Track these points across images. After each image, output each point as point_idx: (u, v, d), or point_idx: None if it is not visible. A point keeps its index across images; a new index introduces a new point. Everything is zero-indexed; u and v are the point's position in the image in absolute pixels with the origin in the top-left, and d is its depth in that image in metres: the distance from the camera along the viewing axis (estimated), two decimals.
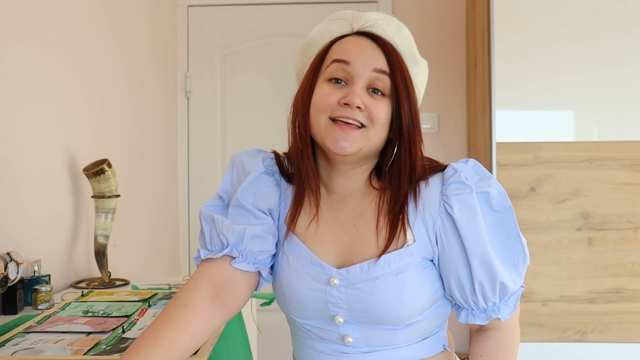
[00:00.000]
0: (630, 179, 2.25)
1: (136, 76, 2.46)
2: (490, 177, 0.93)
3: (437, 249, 0.91)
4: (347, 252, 0.93)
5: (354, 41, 0.93)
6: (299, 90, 0.96)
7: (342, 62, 0.90)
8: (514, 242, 0.92)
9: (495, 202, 0.91)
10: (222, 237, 0.92)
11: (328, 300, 0.92)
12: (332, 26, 0.97)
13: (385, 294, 0.89)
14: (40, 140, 1.71)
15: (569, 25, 2.25)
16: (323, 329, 0.95)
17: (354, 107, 0.88)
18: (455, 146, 3.00)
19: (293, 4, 3.06)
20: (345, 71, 0.90)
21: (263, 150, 1.03)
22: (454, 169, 0.93)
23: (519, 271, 0.92)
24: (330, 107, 0.89)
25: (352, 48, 0.91)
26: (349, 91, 0.89)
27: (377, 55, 0.91)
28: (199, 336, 0.90)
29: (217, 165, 3.10)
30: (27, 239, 1.62)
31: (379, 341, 0.93)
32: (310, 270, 0.93)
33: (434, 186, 0.92)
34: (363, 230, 0.93)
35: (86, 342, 1.16)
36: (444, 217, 0.91)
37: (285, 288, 0.95)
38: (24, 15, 1.64)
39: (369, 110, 0.89)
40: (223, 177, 1.00)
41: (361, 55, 0.90)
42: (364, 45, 0.92)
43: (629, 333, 2.26)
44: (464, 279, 0.90)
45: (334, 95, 0.89)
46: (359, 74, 0.89)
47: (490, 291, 0.90)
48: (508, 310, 0.92)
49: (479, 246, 0.89)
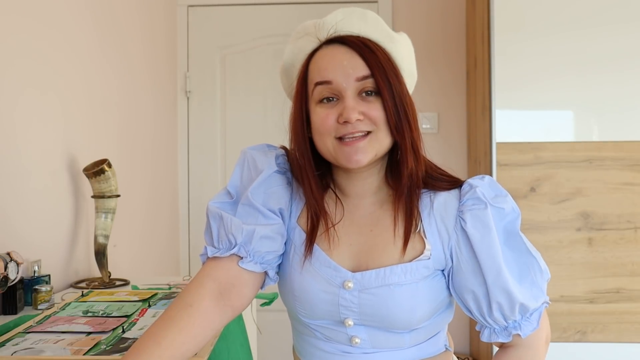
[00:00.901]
0: (630, 179, 2.25)
1: (136, 76, 2.46)
2: (506, 195, 0.93)
3: (450, 264, 0.92)
4: (362, 256, 0.93)
5: (326, 55, 0.91)
6: (292, 120, 0.94)
7: (324, 83, 0.89)
8: (527, 258, 0.91)
9: (507, 220, 0.92)
10: (231, 236, 0.91)
11: (340, 303, 0.92)
12: (301, 44, 0.94)
13: (399, 302, 0.89)
14: (40, 140, 1.71)
15: (569, 25, 2.25)
16: (331, 329, 0.95)
17: (353, 122, 0.88)
18: (455, 146, 3.00)
19: (293, 4, 3.06)
20: (331, 90, 0.89)
21: (273, 145, 1.01)
22: (469, 184, 0.93)
23: (540, 286, 0.91)
24: (332, 128, 0.89)
25: (327, 65, 0.89)
26: (343, 107, 0.88)
27: (353, 62, 0.89)
28: (202, 336, 0.89)
29: (217, 165, 3.10)
30: (27, 239, 1.62)
31: (385, 343, 0.93)
32: (324, 273, 0.93)
33: (451, 201, 0.92)
34: (379, 236, 0.93)
35: (86, 342, 1.16)
36: (459, 232, 0.91)
37: (296, 289, 0.95)
38: (25, 13, 1.64)
39: (368, 116, 0.88)
40: (233, 171, 0.99)
41: (338, 69, 0.88)
42: (337, 57, 0.89)
43: (629, 333, 2.26)
44: (481, 297, 0.90)
45: (331, 116, 0.89)
46: (344, 87, 0.88)
47: (509, 311, 0.90)
48: (530, 327, 0.91)
49: (492, 262, 0.88)
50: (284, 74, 1.00)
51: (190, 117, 3.08)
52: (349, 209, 0.96)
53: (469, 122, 2.93)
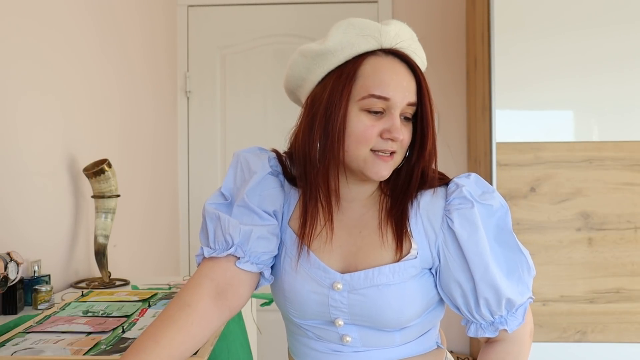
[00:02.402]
0: (630, 179, 2.25)
1: (136, 76, 2.46)
2: (493, 191, 0.94)
3: (437, 262, 0.93)
4: (351, 257, 0.94)
5: (389, 70, 0.90)
6: (330, 113, 0.90)
7: (381, 98, 0.89)
8: (516, 255, 0.92)
9: (497, 216, 0.92)
10: (228, 236, 0.92)
11: (330, 303, 0.93)
12: (354, 39, 0.91)
13: (388, 301, 0.90)
14: (40, 140, 1.71)
15: (569, 25, 2.25)
16: (322, 329, 0.96)
17: (397, 142, 0.90)
18: (455, 146, 3.00)
19: (293, 4, 3.05)
20: (385, 105, 0.90)
21: (264, 148, 1.02)
22: (456, 184, 0.93)
23: (526, 283, 0.92)
24: (373, 140, 0.90)
25: (390, 81, 0.89)
26: (391, 125, 0.89)
27: (410, 86, 0.91)
28: (200, 336, 0.90)
29: (217, 165, 3.10)
30: (27, 239, 1.62)
31: (376, 342, 0.95)
32: (314, 274, 0.94)
33: (437, 201, 0.93)
34: (368, 237, 0.94)
35: (86, 342, 1.16)
36: (446, 231, 0.92)
37: (287, 290, 0.96)
38: (25, 14, 1.64)
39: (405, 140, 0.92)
40: (226, 174, 1.00)
41: (399, 89, 0.89)
42: (400, 75, 0.90)
43: (629, 333, 2.26)
44: (469, 293, 0.91)
45: (375, 128, 0.89)
46: (397, 106, 0.90)
47: (496, 306, 0.91)
48: (516, 322, 0.93)
49: (480, 260, 0.89)
50: (317, 57, 0.92)
51: (190, 117, 3.08)
52: (340, 210, 0.97)
53: (469, 122, 2.93)
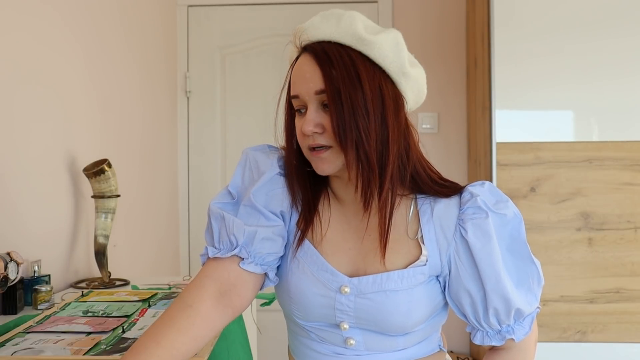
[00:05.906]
0: (630, 179, 2.25)
1: (136, 76, 2.46)
2: (507, 200, 0.93)
3: (447, 271, 0.92)
4: (359, 260, 0.94)
5: (297, 67, 0.91)
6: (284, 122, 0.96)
7: (294, 97, 0.91)
8: (528, 265, 0.92)
9: (511, 226, 0.92)
10: (232, 237, 0.91)
11: (336, 307, 0.92)
12: (289, 51, 0.96)
13: (395, 307, 0.90)
14: (40, 140, 1.71)
15: (569, 25, 2.25)
16: (326, 331, 0.96)
17: (310, 135, 0.88)
18: (455, 146, 3.00)
19: (293, 4, 3.05)
20: (300, 103, 0.90)
21: (274, 146, 1.01)
22: (470, 193, 0.92)
23: (535, 293, 0.92)
24: (303, 138, 0.91)
25: (296, 78, 0.91)
26: (304, 120, 0.89)
27: (314, 75, 0.87)
28: (202, 337, 0.89)
29: (217, 165, 3.10)
30: (27, 239, 1.62)
31: (379, 346, 0.94)
32: (321, 277, 0.93)
33: (451, 209, 0.92)
34: (376, 241, 0.93)
35: (86, 342, 1.16)
36: (458, 240, 0.91)
37: (293, 291, 0.95)
38: (24, 13, 1.64)
39: (324, 128, 0.88)
40: (234, 172, 0.99)
41: (302, 84, 0.89)
42: (303, 68, 0.89)
43: (629, 333, 2.26)
44: (478, 302, 0.91)
45: (299, 127, 0.91)
46: (307, 100, 0.89)
47: (505, 315, 0.91)
48: (523, 332, 0.93)
49: (492, 271, 0.89)
50: None
51: (190, 117, 3.08)
52: (347, 214, 0.96)
53: (469, 122, 2.93)
